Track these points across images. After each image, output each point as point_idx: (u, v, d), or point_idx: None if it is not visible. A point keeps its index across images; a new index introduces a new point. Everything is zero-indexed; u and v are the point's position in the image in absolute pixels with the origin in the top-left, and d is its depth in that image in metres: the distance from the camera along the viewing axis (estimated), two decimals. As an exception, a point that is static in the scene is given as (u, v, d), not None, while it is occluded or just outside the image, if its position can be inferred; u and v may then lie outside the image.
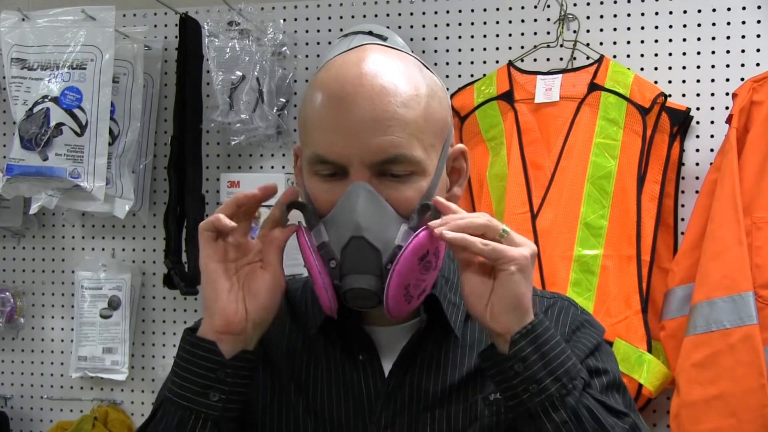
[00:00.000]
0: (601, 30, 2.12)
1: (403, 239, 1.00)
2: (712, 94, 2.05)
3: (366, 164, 0.99)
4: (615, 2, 2.12)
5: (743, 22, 2.04)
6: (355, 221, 0.98)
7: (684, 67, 2.07)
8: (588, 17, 2.13)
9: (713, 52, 2.05)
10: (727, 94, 2.02)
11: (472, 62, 2.21)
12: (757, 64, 2.02)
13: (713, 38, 2.06)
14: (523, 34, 2.18)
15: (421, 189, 1.02)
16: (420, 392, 1.06)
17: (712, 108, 2.05)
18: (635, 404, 1.11)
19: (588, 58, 2.08)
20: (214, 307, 1.01)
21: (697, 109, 2.05)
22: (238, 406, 1.02)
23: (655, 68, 2.09)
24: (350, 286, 0.99)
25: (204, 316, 1.03)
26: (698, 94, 2.06)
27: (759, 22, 2.03)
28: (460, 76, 2.21)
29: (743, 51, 2.03)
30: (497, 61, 2.17)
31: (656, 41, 2.09)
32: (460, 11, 2.22)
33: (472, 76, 2.20)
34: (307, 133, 1.04)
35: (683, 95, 2.07)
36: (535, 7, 2.14)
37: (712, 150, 2.03)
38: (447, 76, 2.21)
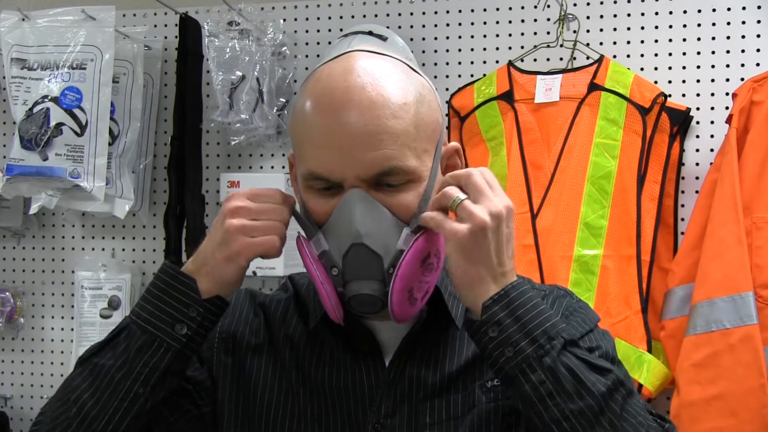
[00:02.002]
0: (601, 30, 2.12)
1: (404, 243, 1.00)
2: (712, 94, 2.05)
3: (361, 179, 1.00)
4: (615, 2, 2.12)
5: (743, 22, 2.04)
6: (355, 229, 0.99)
7: (684, 67, 2.07)
8: (588, 17, 2.13)
9: (713, 52, 2.05)
10: (727, 94, 2.02)
11: (472, 62, 2.21)
12: (757, 64, 2.02)
13: (713, 38, 2.06)
14: (523, 34, 2.18)
15: (419, 193, 1.02)
16: (420, 382, 1.08)
17: (712, 108, 2.05)
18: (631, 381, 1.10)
19: (588, 58, 2.08)
20: (213, 271, 1.03)
21: (697, 109, 2.05)
22: (196, 347, 1.05)
23: (655, 68, 2.09)
24: (354, 292, 1.00)
25: (195, 261, 1.05)
26: (698, 94, 2.06)
27: (759, 22, 2.03)
28: (460, 76, 2.21)
29: (743, 51, 2.03)
30: (497, 61, 2.17)
31: (656, 41, 2.09)
32: (460, 11, 2.22)
33: (472, 76, 2.20)
34: (300, 148, 1.04)
35: (683, 95, 2.07)
36: (535, 7, 2.14)
37: (712, 150, 2.03)
38: (447, 76, 2.21)
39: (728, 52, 2.04)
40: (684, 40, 2.07)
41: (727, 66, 2.04)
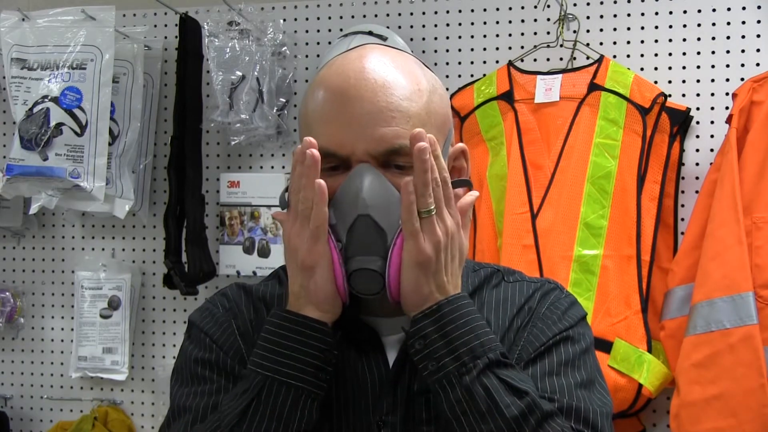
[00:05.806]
0: (601, 30, 2.12)
1: None
2: (712, 94, 2.05)
3: (370, 155, 1.00)
4: (615, 2, 2.12)
5: (743, 22, 2.04)
6: (362, 199, 0.99)
7: (684, 67, 2.07)
8: (588, 17, 2.13)
9: (713, 52, 2.05)
10: (727, 94, 2.02)
11: (472, 62, 2.21)
12: (757, 64, 2.02)
13: (713, 38, 2.06)
14: (523, 34, 2.18)
15: None
16: (417, 378, 1.07)
17: (712, 108, 2.05)
18: (601, 378, 1.10)
19: (588, 58, 2.08)
20: (326, 290, 1.01)
21: (697, 109, 2.05)
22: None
23: (655, 68, 2.09)
24: (356, 267, 1.00)
25: (304, 298, 1.01)
26: (698, 94, 2.06)
27: (759, 22, 2.03)
28: (460, 76, 2.21)
29: (743, 51, 2.03)
30: (497, 61, 2.17)
31: (656, 41, 2.09)
32: (460, 11, 2.22)
33: (472, 76, 2.20)
34: (309, 129, 1.04)
35: (683, 95, 2.07)
36: (535, 7, 2.14)
37: (712, 150, 2.03)
38: (447, 76, 2.21)
39: (728, 52, 2.04)
40: (684, 40, 2.07)
41: (727, 66, 2.04)
